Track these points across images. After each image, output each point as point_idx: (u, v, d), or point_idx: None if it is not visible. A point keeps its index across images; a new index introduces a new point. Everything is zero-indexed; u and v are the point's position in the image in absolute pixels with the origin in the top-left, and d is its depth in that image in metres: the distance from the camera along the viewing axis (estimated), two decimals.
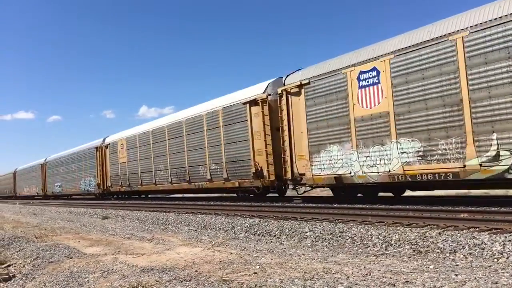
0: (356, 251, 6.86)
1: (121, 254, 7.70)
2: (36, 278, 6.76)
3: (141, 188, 24.54)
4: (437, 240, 6.56)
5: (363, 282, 4.59)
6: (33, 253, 8.62)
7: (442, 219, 8.15)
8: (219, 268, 5.87)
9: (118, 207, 20.52)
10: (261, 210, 12.63)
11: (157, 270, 5.99)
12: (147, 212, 15.74)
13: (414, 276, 4.75)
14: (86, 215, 18.58)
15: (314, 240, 7.99)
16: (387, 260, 5.95)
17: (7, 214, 23.27)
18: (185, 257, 6.98)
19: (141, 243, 9.14)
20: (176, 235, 10.06)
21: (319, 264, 5.76)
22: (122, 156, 26.17)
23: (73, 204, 27.99)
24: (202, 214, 13.14)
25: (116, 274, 6.03)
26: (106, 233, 11.29)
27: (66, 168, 35.80)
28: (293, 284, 4.67)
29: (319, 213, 10.81)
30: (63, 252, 8.34)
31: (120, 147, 26.39)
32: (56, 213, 21.63)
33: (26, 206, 31.40)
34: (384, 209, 10.48)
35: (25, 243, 10.17)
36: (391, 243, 6.93)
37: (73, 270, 6.65)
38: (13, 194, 55.35)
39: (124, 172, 25.96)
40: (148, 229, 11.91)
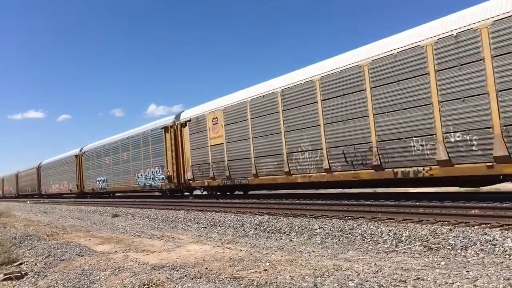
0: (366, 248, 6.84)
1: (132, 252, 7.74)
2: (48, 276, 6.80)
3: (254, 180, 16.41)
4: (448, 237, 6.52)
5: (374, 279, 4.57)
6: (45, 251, 8.68)
7: (453, 216, 8.09)
8: (229, 266, 5.88)
9: (128, 205, 20.62)
10: (270, 207, 12.63)
11: (168, 267, 6.02)
12: (157, 210, 15.80)
13: (425, 273, 4.73)
14: (96, 213, 18.70)
15: (324, 237, 7.97)
16: (398, 256, 5.93)
17: (19, 213, 23.48)
18: (195, 255, 7.00)
19: (151, 240, 9.18)
20: (186, 233, 10.09)
21: (329, 261, 5.75)
22: (215, 136, 18.48)
23: (83, 202, 28.12)
24: (211, 212, 13.17)
25: (127, 271, 6.06)
26: (116, 231, 11.35)
27: (114, 158, 28.66)
28: (304, 281, 4.67)
29: (328, 210, 10.79)
30: (74, 250, 8.40)
31: (212, 123, 18.76)
32: (66, 212, 21.79)
33: (37, 204, 31.66)
34: (394, 206, 10.42)
35: (37, 241, 10.25)
36: (402, 239, 6.90)
37: (85, 268, 6.69)
38: (37, 192, 48.53)
39: (220, 158, 18.23)
40: (158, 227, 11.95)
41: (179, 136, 21.36)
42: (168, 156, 21.91)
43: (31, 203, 34.45)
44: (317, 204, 12.63)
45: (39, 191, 47.95)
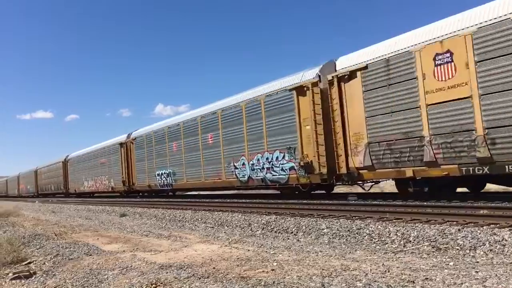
0: (374, 248, 6.82)
1: (139, 251, 7.77)
2: (56, 275, 6.84)
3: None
4: (456, 237, 6.48)
5: (382, 279, 4.56)
6: (53, 251, 8.73)
7: (461, 216, 8.05)
8: (237, 265, 5.88)
9: (136, 204, 20.69)
10: (278, 207, 12.62)
11: (175, 267, 6.03)
12: (164, 210, 15.84)
13: (434, 273, 4.70)
14: (104, 213, 18.78)
15: (332, 237, 7.96)
16: (406, 257, 5.90)
17: (27, 212, 23.63)
18: (203, 254, 7.01)
19: (158, 240, 9.20)
20: (193, 233, 10.11)
21: (337, 261, 5.74)
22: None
23: (91, 202, 28.24)
24: (218, 212, 13.18)
25: (134, 271, 6.08)
26: (124, 231, 11.39)
27: (189, 143, 21.08)
28: (311, 281, 4.66)
29: (335, 210, 10.76)
30: (83, 250, 8.44)
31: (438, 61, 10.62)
32: (74, 211, 21.91)
33: (45, 204, 31.84)
34: (401, 206, 10.38)
35: (45, 240, 10.31)
36: (410, 240, 6.87)
37: (93, 267, 6.72)
38: (63, 191, 42.60)
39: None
40: (165, 226, 11.98)
41: (336, 96, 13.24)
42: (305, 132, 14.34)
43: (39, 203, 34.64)
44: (324, 204, 12.60)
45: (66, 189, 41.72)
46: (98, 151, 33.58)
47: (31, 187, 55.14)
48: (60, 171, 43.21)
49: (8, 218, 19.25)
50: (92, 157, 34.62)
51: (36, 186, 52.63)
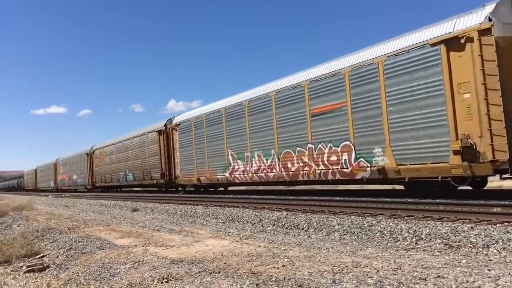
0: (385, 245, 6.79)
1: (151, 246, 7.82)
2: (69, 269, 6.92)
3: None
4: (469, 235, 6.43)
5: (393, 276, 4.54)
6: (66, 244, 8.83)
7: (474, 213, 7.98)
8: (248, 261, 5.90)
9: (147, 200, 20.83)
10: (289, 204, 12.62)
11: (187, 262, 6.06)
12: (176, 205, 15.92)
13: (446, 271, 4.67)
14: (116, 208, 18.93)
15: (343, 234, 7.94)
16: (418, 254, 5.86)
17: (41, 206, 23.91)
18: (214, 249, 7.04)
19: (170, 235, 9.26)
20: (204, 228, 10.15)
21: (348, 258, 5.73)
22: None
23: (103, 196, 28.48)
24: (229, 207, 13.22)
25: (146, 265, 6.13)
26: (136, 225, 11.47)
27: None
28: (322, 277, 4.66)
29: (347, 206, 10.73)
30: (95, 244, 8.52)
31: None
32: (87, 206, 22.11)
33: (59, 198, 32.18)
34: (413, 203, 10.32)
35: (58, 234, 10.43)
36: (422, 237, 6.83)
37: (105, 261, 6.78)
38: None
39: None
40: (176, 221, 12.04)
41: None
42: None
43: (52, 197, 35.01)
44: (335, 200, 12.57)
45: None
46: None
47: (81, 177, 41.95)
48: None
49: (22, 212, 19.51)
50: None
51: (91, 176, 39.07)
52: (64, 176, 48.05)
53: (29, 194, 53.14)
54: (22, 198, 35.77)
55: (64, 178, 48.01)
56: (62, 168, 47.61)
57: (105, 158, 35.10)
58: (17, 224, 14.65)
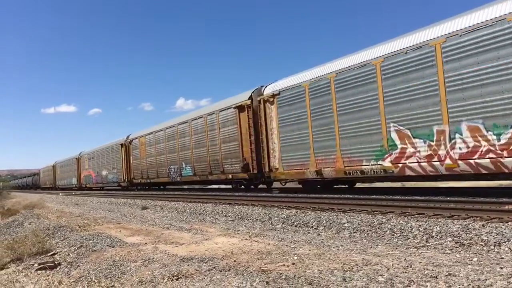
0: (395, 243, 6.75)
1: (161, 244, 7.85)
2: (80, 266, 6.97)
3: None
4: (480, 233, 6.37)
5: (404, 274, 4.51)
6: (77, 242, 8.90)
7: (485, 211, 7.92)
8: (257, 259, 5.90)
9: (157, 197, 20.92)
10: (298, 201, 12.61)
11: (197, 259, 6.08)
12: (185, 203, 15.97)
13: (457, 269, 4.64)
14: (126, 206, 19.03)
15: (352, 232, 7.91)
16: (428, 252, 5.83)
17: (51, 204, 24.12)
18: (223, 247, 7.05)
19: (179, 233, 9.29)
20: (214, 226, 10.17)
21: (358, 256, 5.71)
22: None
23: (113, 195, 28.62)
24: (239, 205, 13.23)
25: (156, 263, 6.16)
26: (146, 223, 11.53)
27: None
28: (332, 275, 4.65)
29: (356, 204, 10.70)
30: (106, 241, 8.57)
31: None
32: (97, 204, 22.26)
33: (69, 196, 32.43)
34: (424, 201, 10.26)
35: (69, 232, 10.51)
36: (432, 235, 6.78)
37: (116, 259, 6.83)
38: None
39: None
40: (186, 219, 12.08)
41: None
42: None
43: (63, 195, 35.28)
44: (344, 198, 12.54)
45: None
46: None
47: (113, 173, 34.51)
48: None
49: (33, 210, 19.70)
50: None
51: (128, 171, 31.50)
52: (89, 172, 41.53)
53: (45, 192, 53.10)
54: (33, 197, 36.11)
55: (90, 175, 41.51)
56: (88, 162, 41.14)
57: (148, 148, 27.91)
58: (28, 222, 14.79)
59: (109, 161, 35.22)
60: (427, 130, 11.31)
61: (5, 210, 23.35)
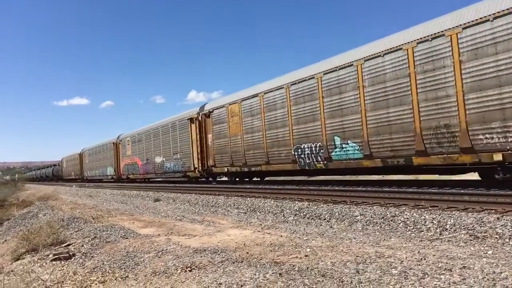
0: (409, 235, 6.72)
1: (174, 235, 7.90)
2: (94, 257, 7.04)
3: None
4: (495, 225, 6.31)
5: (418, 267, 4.49)
6: (91, 233, 8.99)
7: (500, 204, 7.83)
8: (270, 251, 5.91)
9: (169, 190, 21.03)
10: (310, 194, 12.59)
11: (209, 251, 6.10)
12: (197, 195, 16.03)
13: (472, 262, 4.60)
14: (139, 198, 19.16)
15: (365, 224, 7.88)
16: (442, 245, 5.79)
17: (65, 196, 24.38)
18: (236, 239, 7.07)
19: (192, 225, 9.33)
20: (226, 218, 10.20)
21: (371, 248, 5.69)
22: None
23: (126, 187, 28.82)
24: (251, 198, 13.24)
25: (170, 254, 6.19)
26: (159, 215, 11.60)
27: None
28: (345, 268, 4.64)
29: (369, 197, 10.65)
30: (119, 233, 8.65)
31: None
32: (110, 196, 22.45)
33: (82, 188, 32.75)
34: (437, 193, 10.18)
35: (83, 223, 10.62)
36: (446, 227, 6.73)
37: (129, 250, 6.88)
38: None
39: None
40: (198, 211, 12.14)
41: None
42: None
43: (76, 187, 35.63)
44: (357, 191, 12.49)
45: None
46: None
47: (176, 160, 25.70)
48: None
49: (47, 202, 19.93)
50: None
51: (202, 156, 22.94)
52: (134, 160, 32.69)
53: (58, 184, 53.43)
54: (47, 188, 36.53)
55: (134, 163, 32.61)
56: (131, 147, 32.84)
57: (248, 120, 19.00)
58: (43, 213, 14.99)
59: (167, 144, 26.49)
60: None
61: (20, 202, 23.69)
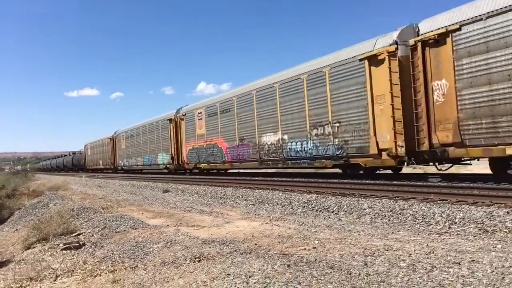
0: (417, 229, 6.70)
1: (183, 226, 7.95)
2: (104, 247, 7.12)
3: None
4: (505, 219, 6.27)
5: (426, 260, 4.49)
6: (101, 223, 9.07)
7: (510, 198, 7.77)
8: (278, 242, 5.93)
9: (178, 181, 21.12)
10: (318, 186, 12.58)
11: (218, 242, 6.14)
12: (206, 187, 16.09)
13: (481, 256, 4.59)
14: (148, 189, 19.28)
15: (374, 217, 7.88)
16: (451, 238, 5.77)
17: (75, 187, 24.58)
18: (244, 231, 7.10)
19: (201, 216, 9.39)
20: (235, 209, 10.24)
21: (380, 241, 5.69)
22: None
23: (135, 177, 28.99)
24: (259, 189, 13.27)
25: (178, 245, 6.24)
26: (167, 206, 11.67)
27: None
28: (354, 260, 4.65)
29: (378, 190, 10.62)
30: (128, 223, 8.72)
31: None
32: (119, 186, 22.60)
33: (92, 179, 32.99)
34: (446, 187, 10.12)
35: (93, 213, 10.72)
36: (455, 221, 6.71)
37: (138, 240, 6.95)
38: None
39: None
40: (207, 203, 12.19)
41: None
42: None
43: (86, 177, 35.89)
44: (365, 183, 12.45)
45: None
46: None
47: (320, 140, 14.52)
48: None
49: (57, 192, 20.12)
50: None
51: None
52: (212, 141, 22.34)
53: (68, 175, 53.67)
54: (58, 179, 36.85)
55: (213, 145, 22.31)
56: (204, 124, 23.02)
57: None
58: (53, 203, 15.13)
59: (302, 110, 15.43)
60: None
61: (31, 192, 23.94)
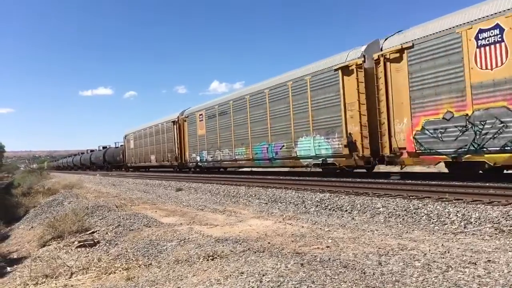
0: (432, 228, 6.64)
1: (196, 225, 7.98)
2: (118, 245, 7.17)
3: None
4: None
5: (441, 260, 4.44)
6: (115, 221, 9.14)
7: None
8: (292, 241, 5.92)
9: (191, 179, 21.19)
10: (331, 185, 12.53)
11: (231, 240, 6.15)
12: (218, 185, 16.12)
13: (497, 256, 4.53)
14: (161, 187, 19.37)
15: (387, 216, 7.82)
16: (467, 238, 5.71)
17: (89, 185, 24.81)
18: (257, 229, 7.10)
19: (214, 214, 9.41)
20: (247, 208, 10.25)
21: (394, 240, 5.65)
22: None
23: (148, 176, 29.15)
24: (272, 188, 13.25)
25: (192, 243, 6.26)
26: (180, 204, 11.72)
27: None
28: (368, 259, 4.62)
29: (391, 189, 10.54)
30: (142, 221, 8.78)
31: None
32: (133, 185, 22.74)
33: (106, 177, 33.25)
34: (461, 186, 10.01)
35: (107, 211, 10.80)
36: (471, 221, 6.63)
37: (152, 238, 6.99)
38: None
39: None
40: (220, 201, 12.22)
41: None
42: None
43: (100, 176, 36.19)
44: (379, 183, 12.37)
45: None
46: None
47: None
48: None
49: (72, 190, 20.32)
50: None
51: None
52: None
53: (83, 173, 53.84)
54: (72, 177, 37.21)
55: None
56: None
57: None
58: (68, 201, 15.30)
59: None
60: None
61: (46, 190, 24.23)
